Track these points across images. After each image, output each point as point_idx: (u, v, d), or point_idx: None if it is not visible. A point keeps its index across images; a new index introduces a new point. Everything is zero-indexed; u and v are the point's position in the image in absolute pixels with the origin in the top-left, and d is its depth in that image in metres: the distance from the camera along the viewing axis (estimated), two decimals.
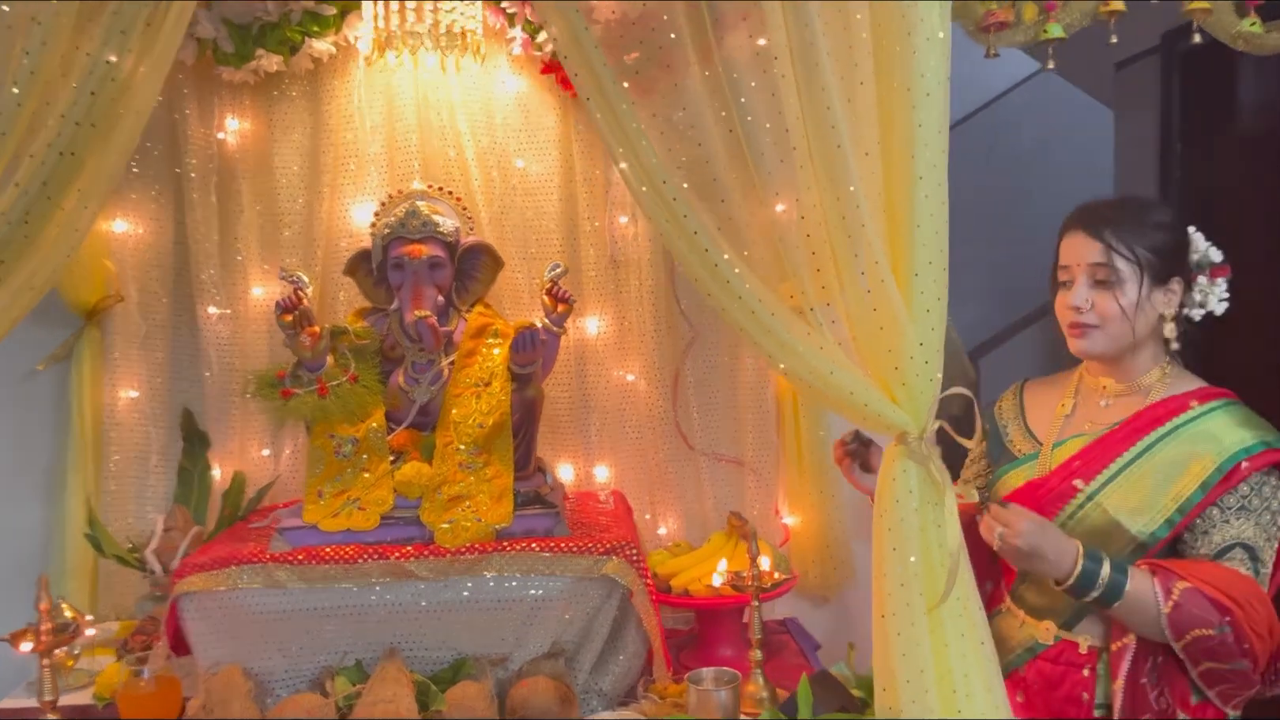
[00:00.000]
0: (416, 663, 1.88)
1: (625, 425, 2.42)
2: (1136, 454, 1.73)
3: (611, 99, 1.46)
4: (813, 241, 1.51)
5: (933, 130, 1.45)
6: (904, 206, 1.46)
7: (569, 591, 1.89)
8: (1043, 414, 1.91)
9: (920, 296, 1.46)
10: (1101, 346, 1.78)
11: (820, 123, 1.47)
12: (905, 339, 1.46)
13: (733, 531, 2.22)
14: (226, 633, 1.86)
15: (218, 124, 2.30)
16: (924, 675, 1.45)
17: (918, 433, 1.49)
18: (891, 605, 1.48)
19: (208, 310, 2.31)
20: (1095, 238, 1.75)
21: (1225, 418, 1.72)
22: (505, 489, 1.97)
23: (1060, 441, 1.83)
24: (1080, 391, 1.89)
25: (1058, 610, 1.78)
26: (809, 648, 2.29)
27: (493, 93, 2.34)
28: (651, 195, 1.47)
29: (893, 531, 1.49)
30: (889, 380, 1.49)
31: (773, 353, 1.49)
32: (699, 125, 1.53)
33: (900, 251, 1.47)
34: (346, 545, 1.88)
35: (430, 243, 2.09)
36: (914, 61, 1.44)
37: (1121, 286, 1.74)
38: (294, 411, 1.98)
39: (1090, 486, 1.74)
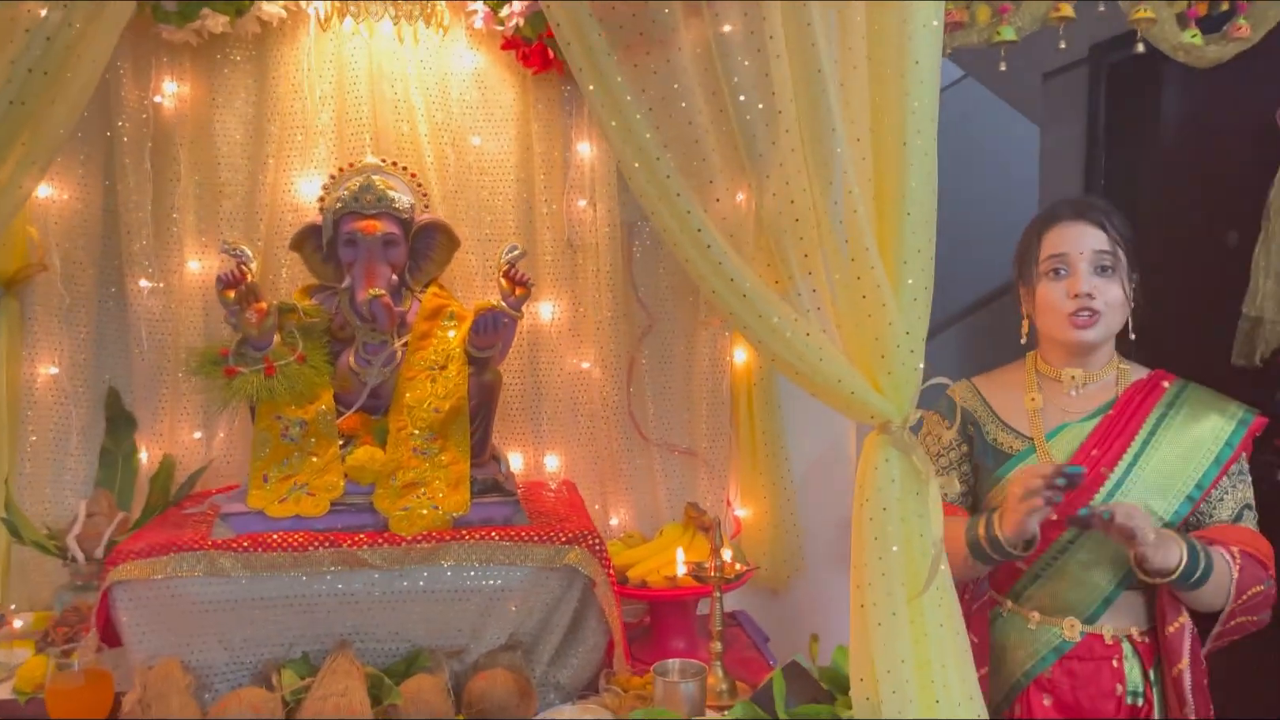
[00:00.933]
0: (369, 655, 1.79)
1: (578, 414, 2.37)
2: (1148, 434, 1.80)
3: (605, 71, 1.41)
4: (801, 226, 1.49)
5: (925, 118, 1.44)
6: (894, 193, 1.45)
7: (529, 582, 1.83)
8: (1012, 409, 1.92)
9: (908, 284, 1.46)
10: (1103, 333, 1.83)
11: (813, 106, 1.45)
12: (892, 327, 1.45)
13: (689, 523, 2.19)
14: (163, 624, 1.74)
15: (154, 86, 2.17)
16: (904, 665, 1.44)
17: (901, 421, 1.48)
18: (872, 595, 1.47)
19: (138, 283, 2.17)
20: (1098, 226, 1.82)
21: (1199, 395, 1.86)
22: (462, 476, 1.90)
23: (1051, 433, 1.86)
24: (1042, 386, 1.92)
25: (1082, 605, 1.81)
26: (759, 640, 2.27)
27: (450, 67, 2.26)
28: (644, 171, 1.43)
29: (874, 521, 1.47)
30: (874, 368, 1.47)
31: (762, 338, 1.47)
32: (690, 104, 1.50)
33: (889, 238, 1.46)
34: (295, 532, 1.79)
35: (385, 219, 2.00)
36: (909, 48, 1.43)
37: (1121, 273, 1.82)
38: (238, 392, 1.88)
39: (1117, 473, 1.78)
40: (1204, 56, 2.50)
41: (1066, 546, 1.81)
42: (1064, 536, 1.81)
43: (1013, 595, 1.89)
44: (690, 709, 1.70)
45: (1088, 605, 1.81)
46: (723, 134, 1.49)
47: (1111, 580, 1.80)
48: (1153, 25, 2.45)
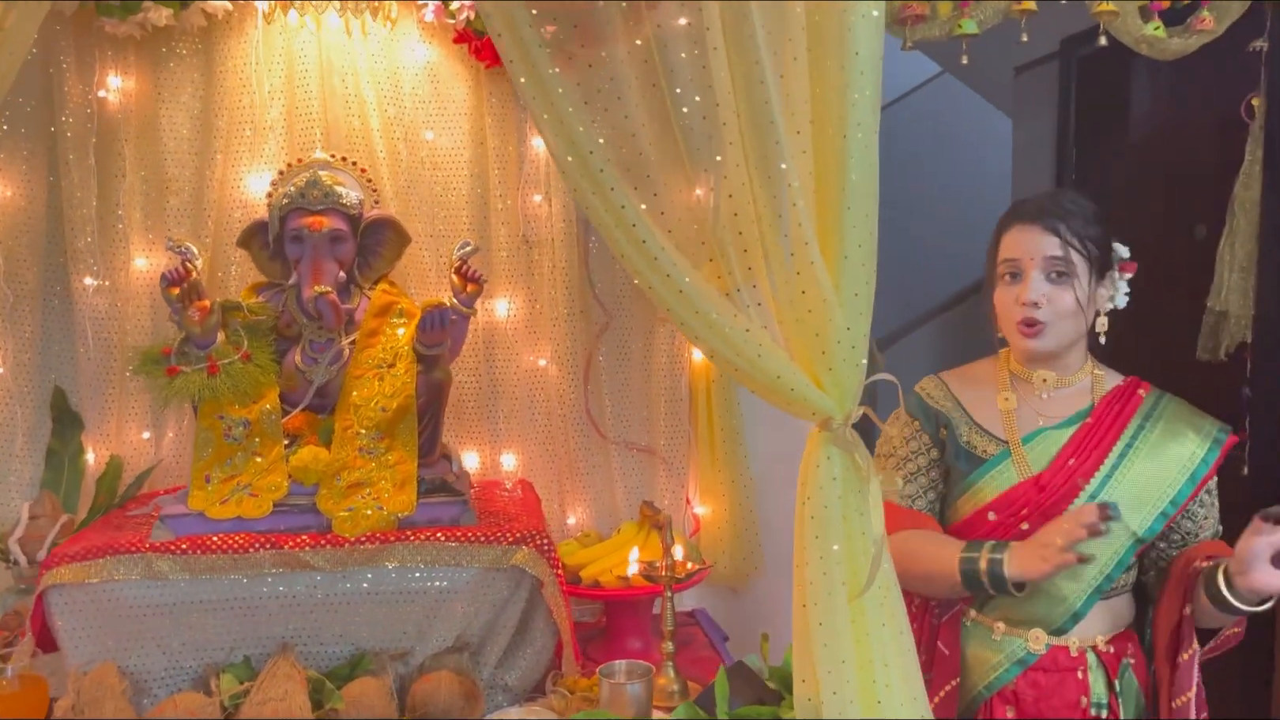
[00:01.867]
0: (312, 658, 1.77)
1: (534, 412, 2.35)
2: (1125, 446, 1.76)
3: (537, 63, 1.38)
4: (740, 221, 1.46)
5: (865, 110, 1.41)
6: (835, 187, 1.43)
7: (476, 583, 1.81)
8: (986, 410, 1.85)
9: (849, 280, 1.43)
10: (1053, 343, 1.77)
11: (751, 99, 1.42)
12: (833, 323, 1.43)
13: (644, 521, 2.17)
14: (100, 628, 1.71)
15: (98, 80, 2.13)
16: (845, 666, 1.42)
17: (843, 419, 1.46)
18: (813, 595, 1.44)
19: (83, 281, 2.13)
20: (1050, 231, 1.74)
21: (1176, 408, 1.81)
22: (408, 476, 1.87)
23: (1028, 437, 1.80)
24: (1015, 386, 1.86)
25: (1049, 617, 1.75)
26: (718, 639, 2.26)
27: (401, 61, 2.23)
28: (577, 166, 1.40)
29: (815, 519, 1.45)
30: (815, 365, 1.45)
31: (700, 334, 1.44)
32: (625, 97, 1.47)
33: (829, 233, 1.44)
34: (236, 534, 1.76)
35: (332, 215, 1.97)
36: (849, 39, 1.40)
37: (1075, 280, 1.74)
38: (180, 391, 1.85)
39: (1092, 484, 1.73)
40: (1167, 49, 2.48)
41: None
42: None
43: (978, 605, 1.82)
44: (636, 710, 1.68)
45: (1056, 618, 1.75)
46: (660, 128, 1.46)
47: (1082, 593, 1.74)
48: (1115, 18, 2.43)
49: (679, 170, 1.48)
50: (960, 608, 1.82)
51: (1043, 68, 4.08)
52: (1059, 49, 3.92)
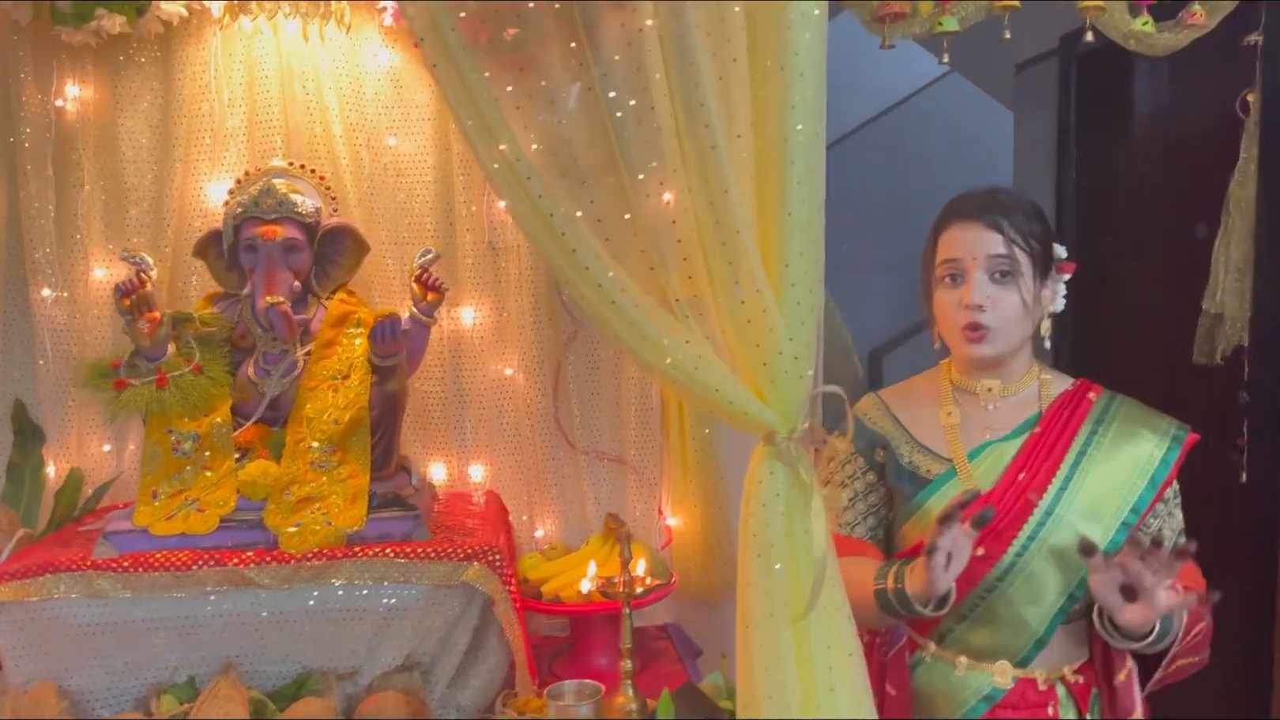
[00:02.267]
0: (257, 678, 1.73)
1: (502, 422, 2.30)
2: (1078, 454, 1.65)
3: (462, 68, 1.34)
4: (678, 229, 1.41)
5: (806, 112, 1.36)
6: (776, 193, 1.37)
7: (426, 600, 1.77)
8: (928, 427, 1.74)
9: (791, 289, 1.38)
10: (999, 348, 1.66)
11: (689, 101, 1.37)
12: (774, 334, 1.37)
13: (610, 534, 2.12)
14: (41, 647, 1.69)
15: (56, 90, 2.10)
16: (787, 691, 1.36)
17: (786, 433, 1.41)
18: (754, 616, 1.39)
19: (41, 293, 2.11)
20: (994, 228, 1.63)
21: (1129, 409, 1.71)
22: (360, 490, 1.83)
23: (973, 453, 1.69)
24: (958, 399, 1.75)
25: (1013, 647, 1.65)
26: (689, 655, 2.20)
27: (363, 66, 2.19)
28: (503, 173, 1.35)
29: (757, 537, 1.40)
30: (757, 377, 1.39)
31: (635, 346, 1.39)
32: (558, 102, 1.42)
33: (771, 240, 1.39)
34: (180, 551, 1.72)
35: (286, 224, 1.94)
36: (788, 38, 1.35)
37: (1021, 279, 1.64)
38: (128, 404, 1.82)
39: (1046, 500, 1.62)
40: (1157, 44, 2.41)
41: (994, 584, 1.63)
42: (992, 573, 1.63)
43: (936, 638, 1.71)
44: None
45: (1019, 646, 1.65)
46: (596, 133, 1.41)
47: (1044, 618, 1.64)
48: (1102, 13, 2.37)
49: (615, 176, 1.43)
50: (905, 643, 1.72)
51: (1043, 64, 4.00)
52: (1058, 45, 3.85)
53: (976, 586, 1.64)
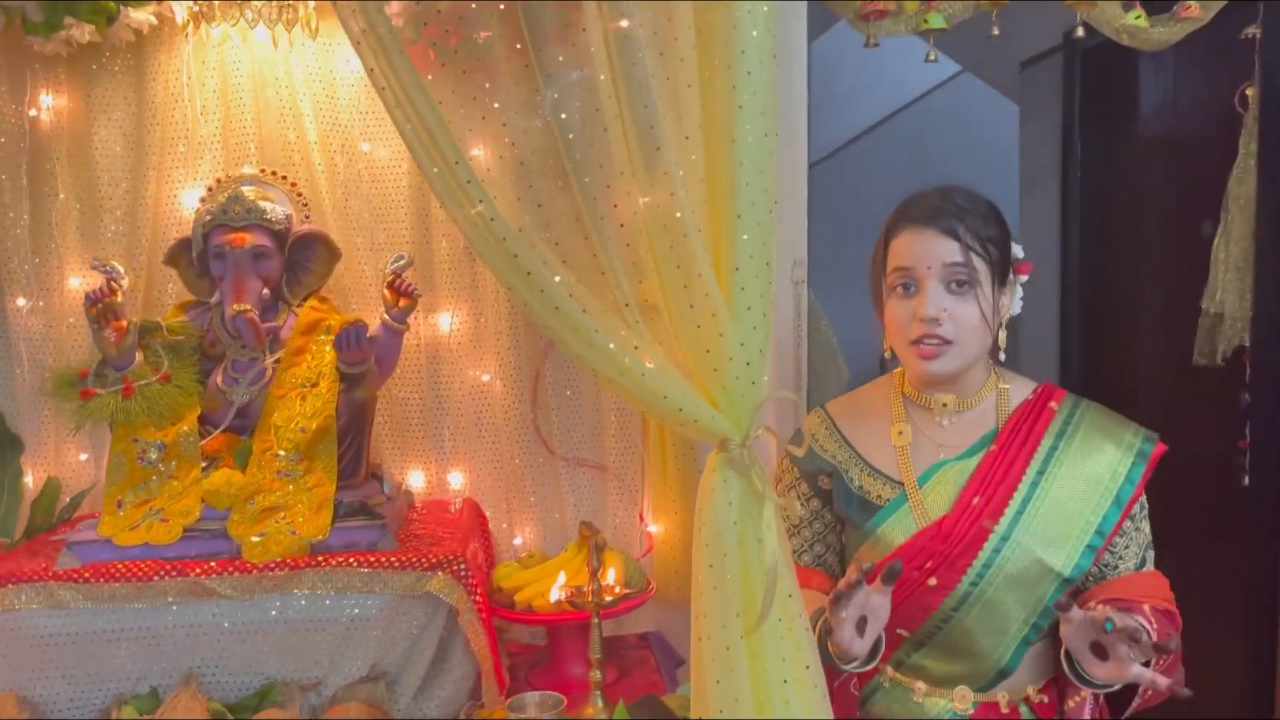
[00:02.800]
0: (219, 689, 1.72)
1: (481, 429, 2.28)
2: (1037, 474, 1.54)
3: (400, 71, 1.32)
4: (627, 232, 1.38)
5: (754, 112, 1.33)
6: (725, 195, 1.34)
7: (390, 610, 1.75)
8: (878, 447, 1.63)
9: (741, 293, 1.34)
10: (956, 364, 1.54)
11: (634, 102, 1.34)
12: (725, 339, 1.34)
13: (584, 542, 2.09)
14: (3, 658, 1.68)
15: (30, 100, 2.11)
16: (739, 704, 1.33)
17: (739, 439, 1.37)
18: (708, 627, 1.36)
19: (17, 302, 2.11)
20: (949, 235, 1.51)
21: (1094, 418, 1.60)
22: (326, 499, 1.82)
23: (924, 476, 1.59)
24: (911, 414, 1.64)
25: (974, 674, 1.57)
26: (669, 664, 2.17)
27: (337, 71, 2.18)
28: (443, 178, 1.33)
29: (710, 546, 1.36)
30: (709, 383, 1.36)
31: (582, 352, 1.36)
32: (503, 104, 1.40)
33: (721, 244, 1.35)
34: (142, 561, 1.72)
35: (255, 231, 1.93)
36: (734, 36, 1.32)
37: (979, 289, 1.51)
38: (93, 413, 1.82)
39: (1002, 526, 1.51)
40: (1151, 39, 2.35)
41: (950, 614, 1.55)
42: (947, 603, 1.54)
43: (894, 663, 1.62)
44: None
45: (982, 674, 1.57)
46: (537, 135, 1.39)
47: (1007, 647, 1.55)
48: (1092, 8, 2.32)
49: (562, 179, 1.40)
50: (850, 676, 1.61)
51: (1047, 61, 3.94)
52: (1062, 42, 3.79)
53: (932, 616, 1.56)
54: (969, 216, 1.53)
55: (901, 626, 1.57)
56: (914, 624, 1.57)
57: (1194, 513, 2.70)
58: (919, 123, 7.04)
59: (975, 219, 1.53)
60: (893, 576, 1.36)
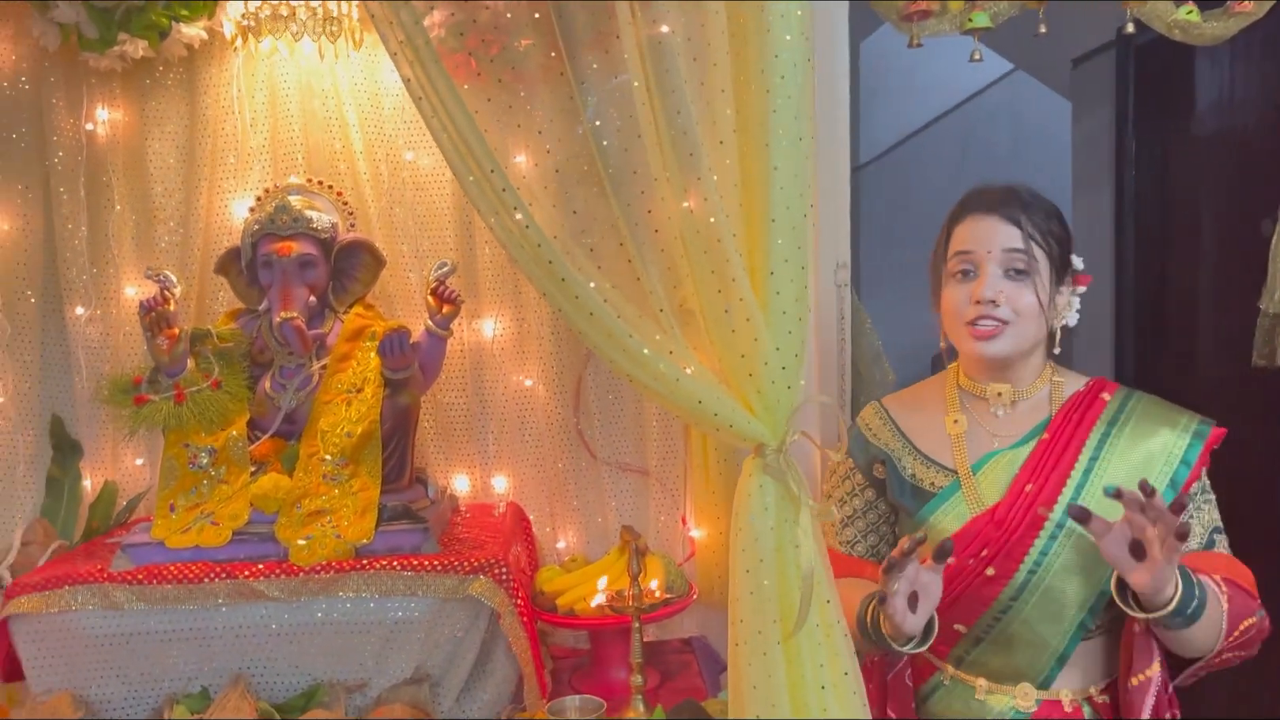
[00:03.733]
0: (267, 689, 1.75)
1: (524, 433, 2.30)
2: (1089, 462, 1.56)
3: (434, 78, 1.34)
4: (662, 237, 1.39)
5: (789, 116, 1.33)
6: (760, 199, 1.35)
7: (433, 613, 1.77)
8: (932, 436, 1.66)
9: (776, 297, 1.35)
10: (1011, 347, 1.57)
11: (667, 107, 1.35)
12: (760, 344, 1.34)
13: (625, 546, 2.09)
14: (61, 657, 1.73)
15: (87, 114, 2.17)
16: (775, 710, 1.33)
17: (776, 444, 1.37)
18: (744, 633, 1.36)
19: (75, 311, 2.18)
20: (1011, 222, 1.56)
21: (1146, 406, 1.62)
22: (370, 503, 1.84)
23: (978, 464, 1.61)
24: (965, 405, 1.67)
25: (1034, 666, 1.57)
26: (712, 669, 2.16)
27: (381, 81, 2.22)
28: (479, 185, 1.35)
29: (746, 552, 1.37)
30: (744, 388, 1.37)
31: (615, 358, 1.37)
32: (539, 111, 1.41)
33: (756, 247, 1.36)
34: (193, 564, 1.75)
35: (302, 239, 1.97)
36: (767, 40, 1.32)
37: (1037, 277, 1.56)
38: (146, 419, 1.86)
39: (1057, 512, 1.53)
40: (1203, 35, 2.30)
41: (1009, 605, 1.55)
42: (1005, 593, 1.55)
43: (954, 661, 1.63)
44: None
45: (1040, 667, 1.57)
46: (573, 143, 1.40)
47: (1065, 634, 1.56)
48: (1142, 5, 2.27)
49: (597, 185, 1.42)
50: (905, 664, 1.63)
51: (1100, 58, 3.86)
52: (1115, 38, 3.71)
53: (990, 608, 1.57)
54: (1032, 209, 1.58)
55: (960, 621, 1.58)
56: (972, 617, 1.58)
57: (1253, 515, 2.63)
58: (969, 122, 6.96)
59: (1038, 212, 1.58)
60: (944, 555, 1.40)
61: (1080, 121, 4.16)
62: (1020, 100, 6.52)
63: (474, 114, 1.35)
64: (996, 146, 6.70)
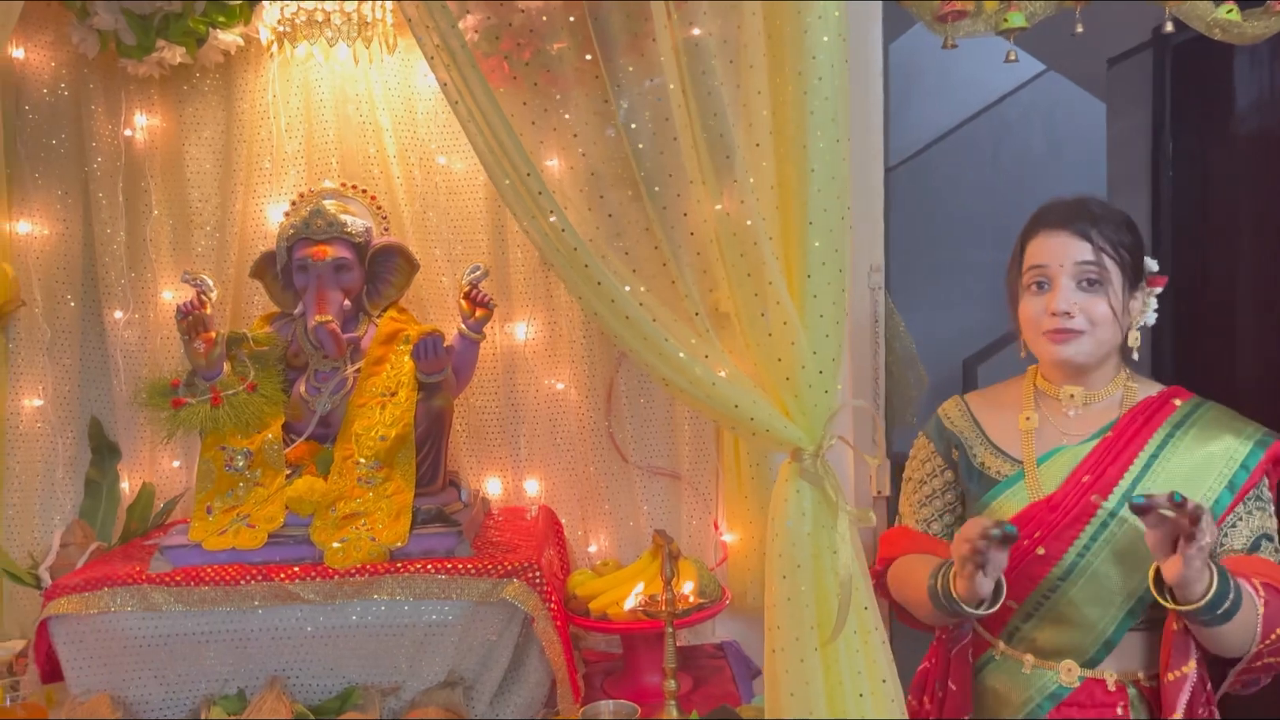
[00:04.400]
0: (303, 691, 1.76)
1: (556, 437, 2.30)
2: (1148, 459, 1.62)
3: (470, 82, 1.34)
4: (697, 240, 1.39)
5: (826, 118, 1.32)
6: (797, 201, 1.34)
7: (466, 616, 1.77)
8: (1005, 430, 1.73)
9: (814, 300, 1.34)
10: (1088, 353, 1.64)
11: (703, 110, 1.35)
12: (797, 347, 1.33)
13: (657, 550, 2.08)
14: (99, 658, 1.74)
15: (125, 120, 2.20)
16: (813, 716, 1.32)
17: (813, 449, 1.36)
18: (781, 640, 1.35)
19: (114, 315, 2.20)
20: (1082, 236, 1.63)
21: (1216, 414, 1.67)
22: (404, 506, 1.85)
23: (1044, 457, 1.68)
24: (1040, 404, 1.73)
25: (1079, 647, 1.63)
26: (745, 674, 2.15)
27: (414, 86, 2.23)
28: (514, 189, 1.35)
29: (783, 557, 1.36)
30: (781, 392, 1.36)
31: (652, 361, 1.36)
32: (575, 116, 1.41)
33: (793, 251, 1.35)
34: (230, 566, 1.77)
35: (336, 244, 1.98)
36: (804, 41, 1.31)
37: (1109, 287, 1.62)
38: (184, 422, 1.88)
39: (1111, 502, 1.60)
40: (1244, 34, 2.26)
41: (1057, 584, 1.62)
42: (1054, 573, 1.61)
43: (1005, 636, 1.69)
44: None
45: (1086, 647, 1.62)
46: (608, 146, 1.40)
47: (1111, 619, 1.60)
48: (1180, 3, 2.24)
49: (632, 189, 1.41)
50: (973, 639, 1.70)
51: (1136, 58, 3.82)
52: (1151, 38, 3.67)
53: (1039, 586, 1.63)
54: (1101, 222, 1.63)
55: (1011, 598, 1.61)
56: (1022, 594, 1.63)
57: None
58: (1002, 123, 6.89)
59: (1107, 225, 1.64)
60: (1009, 539, 1.45)
61: (1115, 122, 4.11)
62: (1053, 101, 6.45)
63: (510, 117, 1.35)
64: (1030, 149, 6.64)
